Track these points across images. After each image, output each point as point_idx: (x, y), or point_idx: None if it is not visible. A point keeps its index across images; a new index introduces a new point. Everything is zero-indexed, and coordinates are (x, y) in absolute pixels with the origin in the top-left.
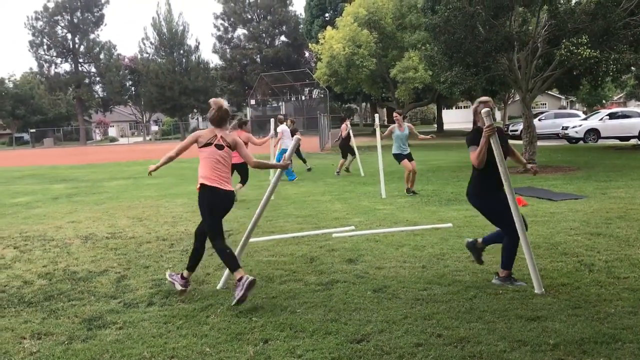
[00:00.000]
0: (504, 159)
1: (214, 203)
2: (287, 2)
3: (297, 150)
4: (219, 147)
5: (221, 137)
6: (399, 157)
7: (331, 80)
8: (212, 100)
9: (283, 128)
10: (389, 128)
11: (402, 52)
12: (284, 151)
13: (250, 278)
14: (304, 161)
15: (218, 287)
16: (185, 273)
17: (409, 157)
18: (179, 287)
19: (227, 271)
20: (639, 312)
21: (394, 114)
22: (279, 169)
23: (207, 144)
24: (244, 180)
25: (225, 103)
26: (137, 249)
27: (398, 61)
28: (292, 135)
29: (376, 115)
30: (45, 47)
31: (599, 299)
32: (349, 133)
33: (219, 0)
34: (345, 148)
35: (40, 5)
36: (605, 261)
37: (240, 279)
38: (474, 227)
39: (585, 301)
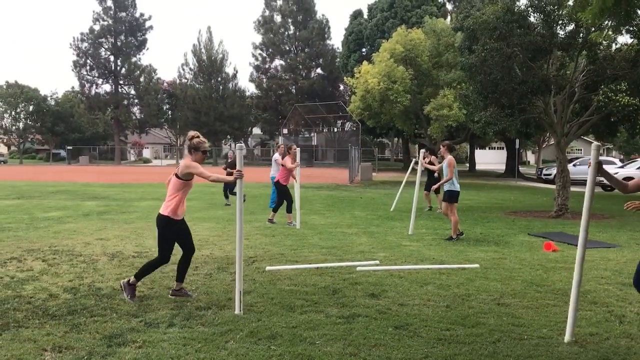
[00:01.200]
0: None
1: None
2: (325, 35)
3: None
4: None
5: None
6: (457, 196)
7: (364, 114)
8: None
9: (276, 157)
10: (449, 161)
11: (437, 89)
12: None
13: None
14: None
15: (236, 312)
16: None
17: None
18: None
19: (239, 295)
20: None
21: (445, 145)
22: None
23: None
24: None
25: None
26: (162, 269)
27: (432, 98)
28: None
29: (422, 151)
30: (88, 67)
31: (628, 352)
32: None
33: (259, 31)
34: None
35: (87, 27)
36: (637, 313)
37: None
38: (502, 270)
39: (615, 353)
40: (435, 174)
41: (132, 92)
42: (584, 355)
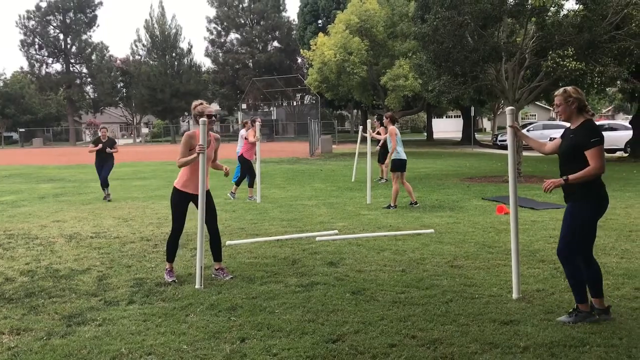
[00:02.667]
0: None
1: None
2: (281, 8)
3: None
4: None
5: None
6: (402, 165)
7: (322, 86)
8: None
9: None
10: (391, 131)
11: (393, 60)
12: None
13: None
14: None
15: (197, 287)
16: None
17: None
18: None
19: (200, 270)
20: (609, 318)
21: (388, 116)
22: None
23: None
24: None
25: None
26: (121, 248)
27: (389, 69)
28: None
29: (368, 121)
30: (36, 46)
31: (571, 304)
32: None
33: (213, 4)
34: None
35: (33, 5)
36: None
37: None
38: (456, 234)
39: (559, 307)
40: (378, 145)
41: (85, 70)
42: (531, 310)
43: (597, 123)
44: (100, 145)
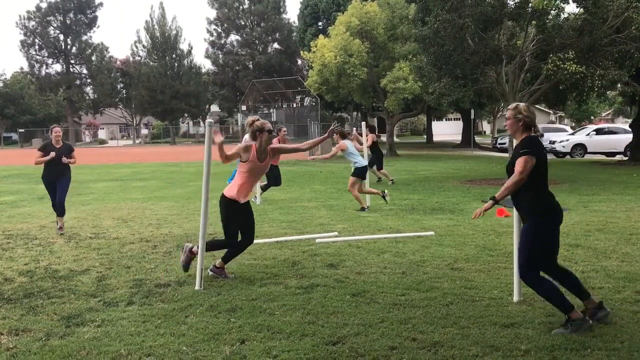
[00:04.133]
0: None
1: None
2: (281, 9)
3: None
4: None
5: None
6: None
7: (322, 88)
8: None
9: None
10: (341, 145)
11: (393, 62)
12: None
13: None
14: None
15: (196, 288)
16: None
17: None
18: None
19: (200, 271)
20: (611, 322)
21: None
22: None
23: None
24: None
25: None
26: (120, 249)
27: (389, 71)
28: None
29: (363, 123)
30: (36, 47)
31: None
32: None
33: (213, 5)
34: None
35: (33, 5)
36: (581, 272)
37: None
38: (456, 236)
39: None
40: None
41: (84, 71)
42: (532, 313)
43: (597, 127)
44: (52, 154)
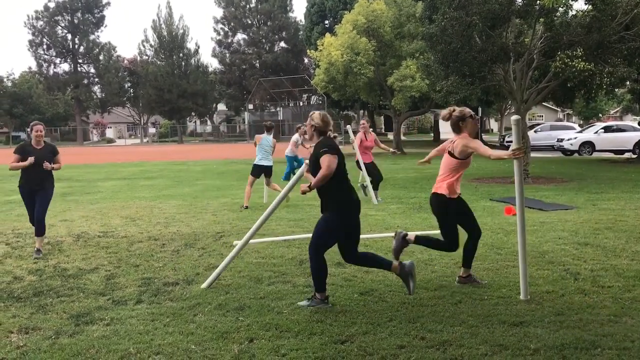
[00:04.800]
0: None
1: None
2: (288, 8)
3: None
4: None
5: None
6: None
7: (329, 87)
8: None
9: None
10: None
11: (400, 60)
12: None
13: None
14: None
15: (203, 287)
16: None
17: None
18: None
19: (216, 271)
20: (621, 321)
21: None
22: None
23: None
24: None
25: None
26: (129, 248)
27: (396, 69)
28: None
29: (348, 127)
30: (44, 46)
31: (582, 306)
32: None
33: (220, 4)
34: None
35: (41, 5)
36: (591, 270)
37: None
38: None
39: (569, 308)
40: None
41: (92, 70)
42: (540, 312)
43: (606, 124)
44: (31, 159)
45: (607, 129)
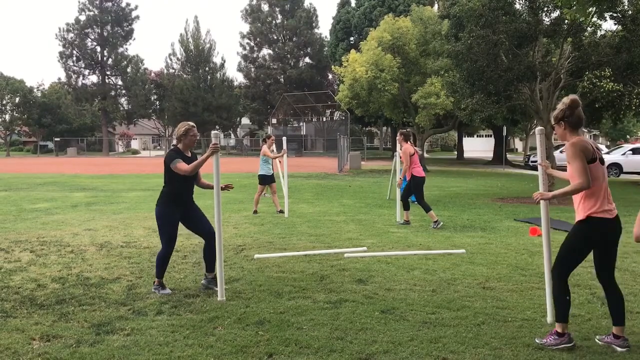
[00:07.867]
0: None
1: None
2: (313, 24)
3: None
4: (602, 161)
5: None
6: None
7: (352, 102)
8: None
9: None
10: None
11: (425, 77)
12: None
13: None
14: None
15: (219, 299)
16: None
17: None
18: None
19: (220, 285)
20: None
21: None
22: None
23: (593, 159)
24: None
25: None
26: (151, 258)
27: (420, 87)
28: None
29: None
30: (74, 58)
31: (609, 332)
32: None
33: (247, 20)
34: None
35: (72, 18)
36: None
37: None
38: (487, 255)
39: (595, 333)
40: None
41: (120, 82)
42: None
43: (634, 146)
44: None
45: (635, 151)
